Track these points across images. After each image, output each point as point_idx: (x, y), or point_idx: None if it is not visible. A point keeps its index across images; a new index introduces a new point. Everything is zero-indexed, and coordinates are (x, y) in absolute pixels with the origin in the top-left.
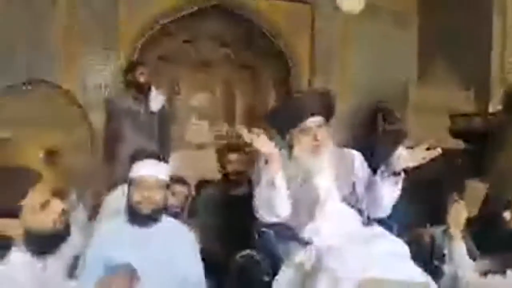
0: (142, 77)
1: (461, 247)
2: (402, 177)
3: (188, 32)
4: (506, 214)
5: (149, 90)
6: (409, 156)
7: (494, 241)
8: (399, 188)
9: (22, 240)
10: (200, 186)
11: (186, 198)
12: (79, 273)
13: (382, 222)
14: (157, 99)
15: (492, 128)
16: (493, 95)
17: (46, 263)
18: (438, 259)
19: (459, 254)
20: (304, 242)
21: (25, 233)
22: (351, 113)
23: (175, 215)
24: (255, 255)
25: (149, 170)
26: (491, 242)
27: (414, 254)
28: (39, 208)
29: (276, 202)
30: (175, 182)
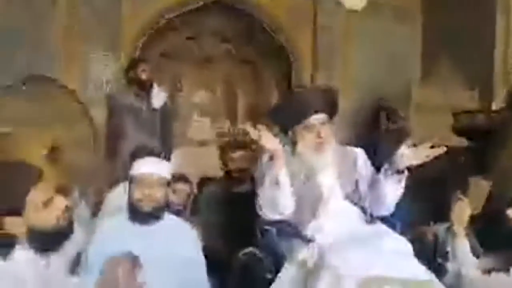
0: (144, 74)
1: (464, 245)
2: (405, 175)
3: (191, 28)
4: (510, 212)
5: (151, 87)
6: (412, 154)
7: (498, 238)
8: (402, 186)
9: (26, 237)
10: (202, 184)
11: (188, 196)
12: (81, 269)
13: (385, 220)
14: (159, 96)
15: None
16: (496, 94)
17: (49, 260)
18: (442, 257)
19: (463, 251)
20: (306, 240)
21: (28, 230)
22: (354, 111)
23: (178, 213)
24: (258, 253)
25: (149, 168)
26: (495, 239)
27: (418, 252)
28: (42, 205)
29: (280, 200)
30: (177, 180)
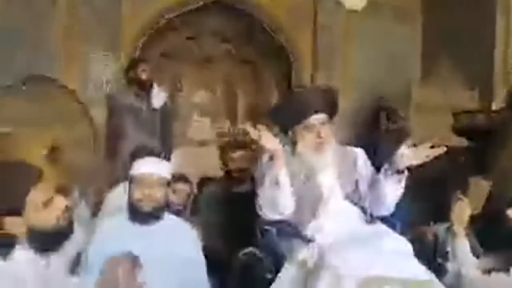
0: (144, 74)
1: (464, 245)
2: (405, 175)
3: (191, 28)
4: (510, 212)
5: (151, 87)
6: (412, 154)
7: (498, 238)
8: (402, 186)
9: (26, 237)
10: (202, 184)
11: (188, 196)
12: (81, 269)
13: (385, 220)
14: (159, 96)
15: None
16: (496, 94)
17: (49, 260)
18: (442, 257)
19: (463, 251)
20: (306, 240)
21: (28, 230)
22: (354, 111)
23: (178, 213)
24: (258, 253)
25: (149, 168)
26: (495, 239)
27: (418, 252)
28: (42, 205)
29: (280, 200)
30: (177, 180)
